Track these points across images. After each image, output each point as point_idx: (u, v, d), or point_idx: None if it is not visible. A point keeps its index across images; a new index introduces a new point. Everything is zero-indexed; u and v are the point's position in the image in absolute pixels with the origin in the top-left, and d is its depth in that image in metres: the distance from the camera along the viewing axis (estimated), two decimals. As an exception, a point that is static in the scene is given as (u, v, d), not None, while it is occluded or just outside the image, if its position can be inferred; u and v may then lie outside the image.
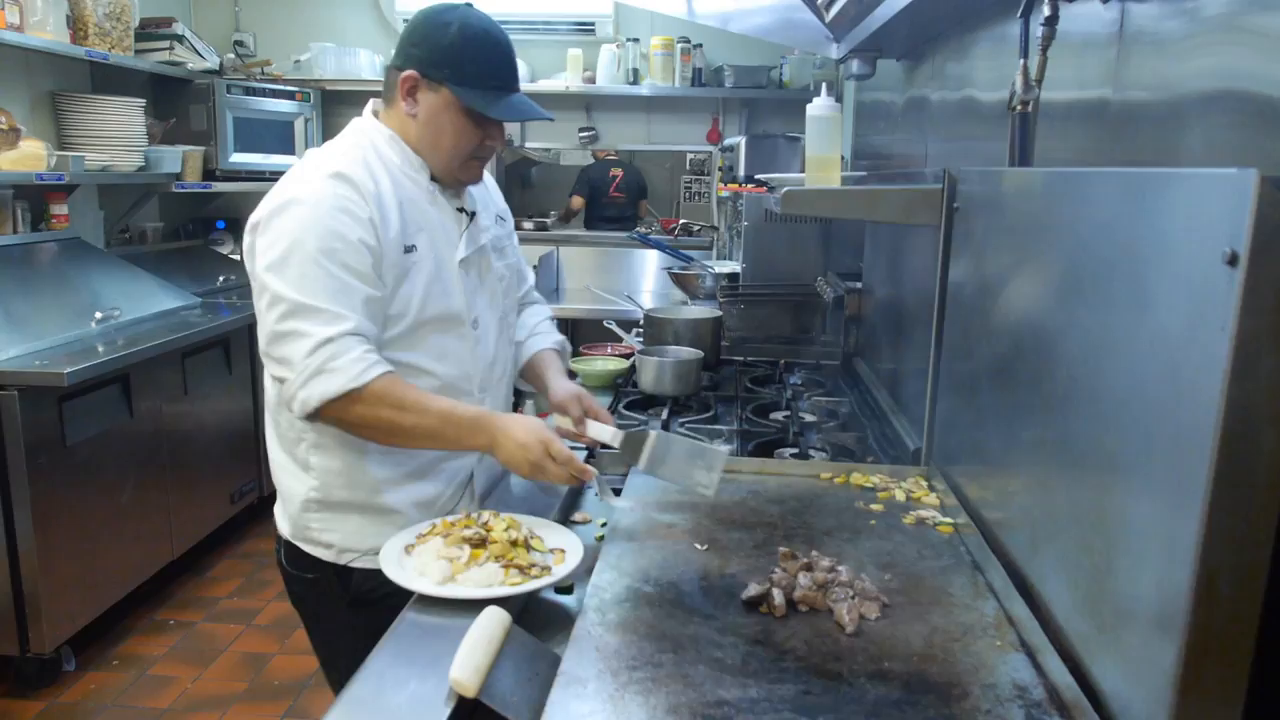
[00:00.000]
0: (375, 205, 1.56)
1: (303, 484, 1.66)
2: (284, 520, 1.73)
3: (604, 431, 1.67)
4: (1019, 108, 1.42)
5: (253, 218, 1.56)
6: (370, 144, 1.64)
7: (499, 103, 1.61)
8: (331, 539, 1.66)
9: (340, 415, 1.50)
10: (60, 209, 3.97)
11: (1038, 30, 1.36)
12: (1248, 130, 1.00)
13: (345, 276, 1.50)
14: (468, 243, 1.72)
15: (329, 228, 1.50)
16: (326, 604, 1.69)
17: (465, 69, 1.58)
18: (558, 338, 2.00)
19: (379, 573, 1.55)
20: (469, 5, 1.64)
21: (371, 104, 1.72)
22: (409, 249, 1.61)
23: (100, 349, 3.27)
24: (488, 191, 1.88)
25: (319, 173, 1.55)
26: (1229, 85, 1.03)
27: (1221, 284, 0.74)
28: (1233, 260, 0.73)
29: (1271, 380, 0.73)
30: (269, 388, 1.67)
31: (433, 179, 1.68)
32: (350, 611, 1.64)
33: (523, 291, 2.01)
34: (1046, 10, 1.34)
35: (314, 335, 1.46)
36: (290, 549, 1.71)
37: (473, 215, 1.74)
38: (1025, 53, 1.40)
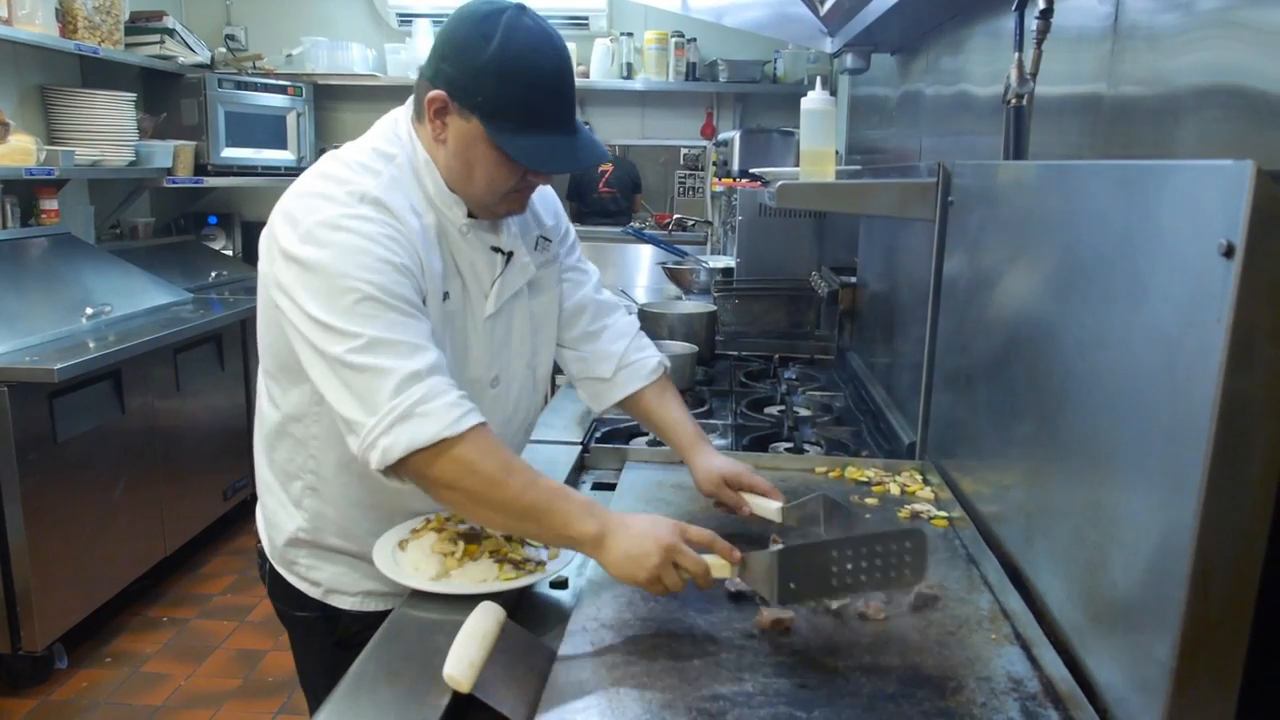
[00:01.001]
0: (420, 241, 1.35)
1: (292, 520, 1.51)
2: (268, 543, 1.59)
3: (768, 508, 1.43)
4: (1014, 102, 1.42)
5: (279, 240, 1.32)
6: (409, 163, 1.40)
7: (544, 149, 1.33)
8: (319, 578, 1.53)
9: (427, 470, 1.23)
10: (50, 204, 3.94)
11: (1032, 24, 1.36)
12: (1241, 124, 1.00)
13: (409, 308, 1.28)
14: (498, 294, 1.47)
15: (380, 257, 1.27)
16: (313, 639, 1.58)
17: (501, 101, 1.30)
18: (652, 364, 1.66)
19: (368, 615, 1.50)
20: (520, 8, 1.32)
21: (409, 108, 1.44)
22: (446, 296, 1.40)
23: (91, 345, 3.25)
24: (530, 209, 1.57)
25: (352, 195, 1.32)
26: (1223, 80, 1.03)
27: (1217, 276, 0.74)
28: (1229, 252, 0.73)
29: (1267, 372, 0.73)
30: (266, 409, 1.51)
31: (468, 214, 1.43)
32: (336, 651, 1.50)
33: (579, 298, 1.68)
34: (1041, 4, 1.34)
35: (398, 370, 1.22)
36: (276, 580, 1.57)
37: (509, 256, 1.48)
38: (1020, 46, 1.40)
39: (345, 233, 1.28)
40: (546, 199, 1.66)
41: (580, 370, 1.69)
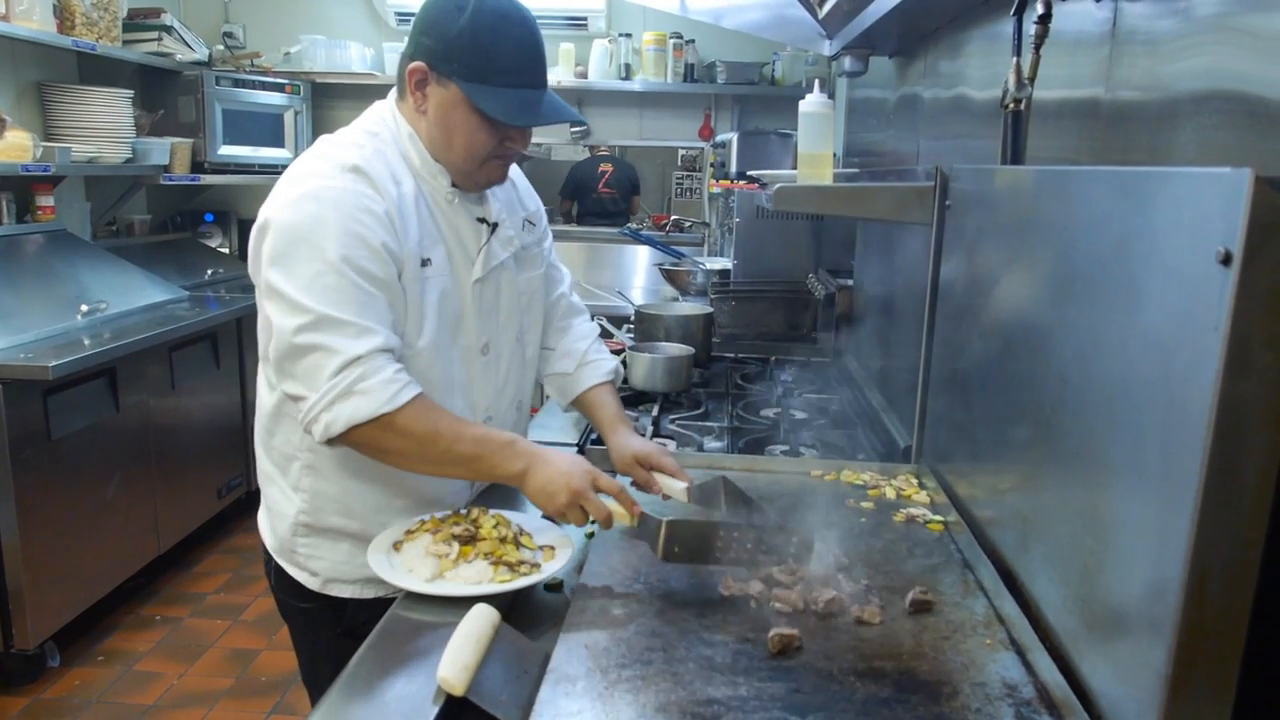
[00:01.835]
0: (396, 208, 1.42)
1: (292, 505, 1.55)
2: (270, 535, 1.62)
3: (674, 486, 1.53)
4: (1011, 106, 1.42)
5: (262, 215, 1.40)
6: (393, 138, 1.49)
7: (516, 104, 1.42)
8: (318, 566, 1.55)
9: (367, 440, 1.36)
10: (46, 200, 3.93)
11: (1031, 28, 1.36)
12: (1239, 130, 1.00)
13: (369, 286, 1.36)
14: (486, 260, 1.55)
15: (350, 230, 1.35)
16: (319, 631, 1.60)
17: (478, 63, 1.40)
18: (609, 366, 1.80)
19: (374, 602, 1.52)
20: None
21: (394, 91, 1.55)
22: (425, 263, 1.46)
23: (86, 342, 3.24)
24: (515, 192, 1.69)
25: (335, 166, 1.40)
26: (1220, 85, 1.03)
27: (1215, 283, 0.74)
28: (1226, 259, 0.73)
29: (1264, 380, 0.73)
30: (264, 395, 1.56)
31: (453, 184, 1.52)
32: (342, 641, 1.51)
33: (555, 295, 1.82)
34: (1040, 8, 1.34)
35: (342, 352, 1.32)
36: (279, 575, 1.61)
37: (494, 227, 1.57)
38: (1018, 51, 1.40)
39: (319, 203, 1.36)
40: (531, 193, 1.77)
41: (545, 367, 1.82)
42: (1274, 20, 0.96)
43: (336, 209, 1.36)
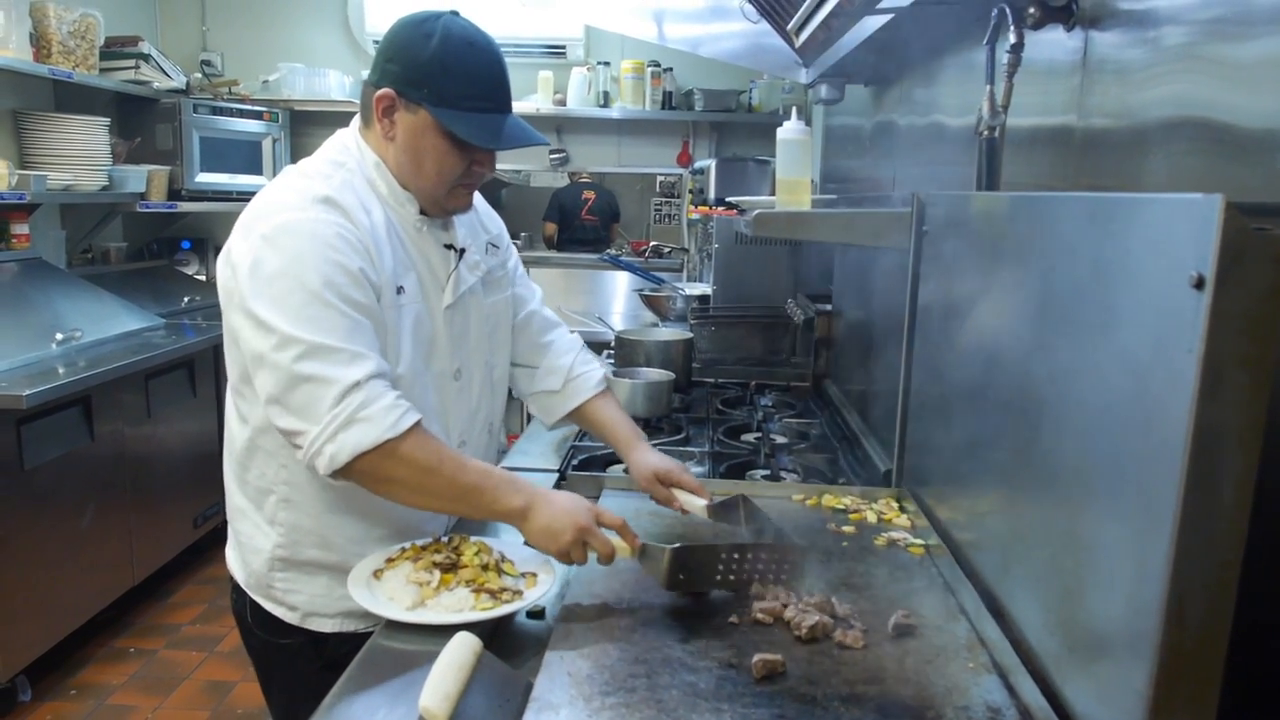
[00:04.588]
0: (370, 237, 1.42)
1: (268, 539, 1.52)
2: (242, 570, 1.58)
3: (695, 503, 1.56)
4: (986, 133, 1.44)
5: (234, 252, 1.39)
6: (359, 167, 1.49)
7: (485, 127, 1.44)
8: (296, 600, 1.53)
9: (371, 470, 1.33)
10: (21, 228, 3.89)
11: (1003, 57, 1.38)
12: (1208, 157, 1.02)
13: (354, 313, 1.35)
14: (455, 286, 1.56)
15: (329, 259, 1.34)
16: (297, 666, 1.57)
17: (446, 88, 1.41)
18: (598, 376, 1.79)
19: (354, 635, 1.50)
20: (453, 13, 1.46)
21: (356, 120, 1.54)
22: (399, 290, 1.46)
23: (60, 370, 3.21)
24: (477, 217, 1.70)
25: (305, 198, 1.39)
26: (1189, 113, 1.06)
27: (1189, 307, 0.75)
28: (1199, 284, 0.74)
29: (1238, 401, 0.74)
30: (235, 429, 1.53)
31: (420, 211, 1.52)
32: (324, 675, 1.38)
33: (526, 313, 1.80)
34: (1012, 38, 1.36)
35: (339, 380, 1.30)
36: (255, 612, 1.57)
37: (461, 253, 1.58)
38: (991, 79, 1.43)
39: (296, 236, 1.35)
40: (492, 216, 1.78)
41: (529, 385, 1.81)
42: (1240, 49, 0.98)
43: (313, 240, 1.35)
